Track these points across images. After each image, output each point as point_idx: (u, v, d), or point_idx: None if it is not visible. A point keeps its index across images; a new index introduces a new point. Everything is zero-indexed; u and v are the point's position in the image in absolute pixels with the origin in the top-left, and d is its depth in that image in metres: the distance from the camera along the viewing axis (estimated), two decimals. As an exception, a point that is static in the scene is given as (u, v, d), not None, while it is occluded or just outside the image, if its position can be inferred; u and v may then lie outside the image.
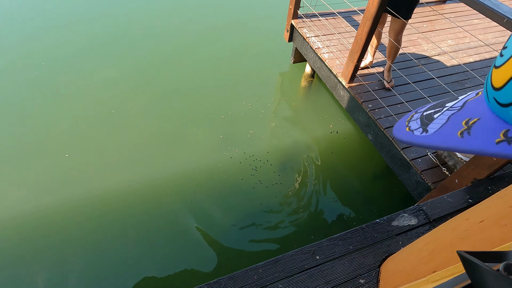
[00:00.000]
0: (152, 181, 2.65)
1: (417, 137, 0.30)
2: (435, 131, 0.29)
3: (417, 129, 0.31)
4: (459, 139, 0.26)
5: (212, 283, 1.09)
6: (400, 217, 1.33)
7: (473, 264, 0.28)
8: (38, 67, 3.54)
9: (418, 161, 2.22)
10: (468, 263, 0.30)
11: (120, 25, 4.24)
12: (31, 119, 3.03)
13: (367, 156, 2.99)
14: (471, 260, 0.29)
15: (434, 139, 0.28)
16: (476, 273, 0.28)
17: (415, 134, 0.31)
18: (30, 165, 2.68)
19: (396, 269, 1.05)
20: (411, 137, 0.31)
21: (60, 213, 2.43)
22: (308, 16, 3.45)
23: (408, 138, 0.31)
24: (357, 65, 2.57)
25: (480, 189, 1.49)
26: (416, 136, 0.31)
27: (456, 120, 0.28)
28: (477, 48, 3.35)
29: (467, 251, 0.31)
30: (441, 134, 0.28)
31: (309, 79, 3.66)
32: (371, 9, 2.20)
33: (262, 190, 2.64)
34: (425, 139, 0.29)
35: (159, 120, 3.11)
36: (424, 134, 0.30)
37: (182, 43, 4.05)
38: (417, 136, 0.30)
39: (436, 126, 0.29)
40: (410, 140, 0.31)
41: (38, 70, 3.51)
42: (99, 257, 2.24)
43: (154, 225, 2.40)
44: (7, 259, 2.22)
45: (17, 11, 4.34)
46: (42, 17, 4.28)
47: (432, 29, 3.61)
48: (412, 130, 0.32)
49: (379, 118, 2.49)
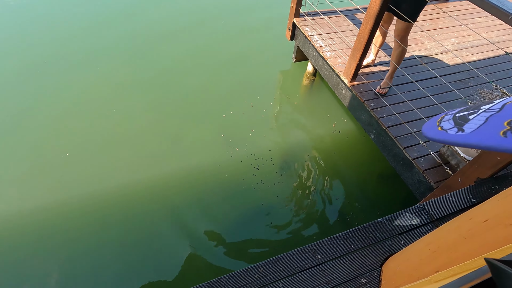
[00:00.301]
0: (153, 181, 2.65)
1: (452, 135, 0.32)
2: (473, 131, 0.30)
3: (451, 129, 0.33)
4: (502, 139, 0.27)
5: (213, 281, 1.08)
6: (402, 217, 1.32)
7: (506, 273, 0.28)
8: (41, 65, 3.55)
9: (420, 160, 2.20)
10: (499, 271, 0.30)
11: (124, 24, 4.24)
12: (34, 117, 3.03)
13: (369, 155, 2.98)
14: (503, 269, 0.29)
15: (472, 138, 0.30)
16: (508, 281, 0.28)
17: (449, 133, 0.33)
18: (31, 163, 2.69)
19: (398, 269, 1.04)
20: (445, 136, 0.33)
21: (62, 213, 2.44)
22: (310, 14, 3.43)
23: (441, 137, 0.33)
24: (359, 63, 2.55)
25: (483, 188, 1.47)
26: (451, 135, 0.32)
27: (496, 121, 0.29)
28: (480, 47, 3.32)
29: (496, 258, 0.31)
30: (479, 133, 0.30)
31: (310, 78, 3.65)
32: (373, 7, 2.19)
33: (264, 189, 2.63)
34: (461, 138, 0.31)
35: (160, 119, 3.11)
36: (460, 133, 0.31)
37: (183, 43, 4.05)
38: (451, 135, 0.32)
39: (473, 126, 0.31)
40: (444, 138, 0.33)
41: (41, 68, 3.52)
42: (100, 257, 2.24)
43: (154, 224, 2.40)
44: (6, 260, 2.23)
45: (23, 9, 4.35)
46: (46, 15, 4.29)
47: (435, 28, 3.58)
48: (446, 130, 0.34)
49: (381, 117, 2.48)
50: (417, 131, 2.37)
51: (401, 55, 2.43)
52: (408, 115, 2.50)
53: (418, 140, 2.30)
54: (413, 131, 2.35)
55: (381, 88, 2.64)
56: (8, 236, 2.32)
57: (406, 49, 2.36)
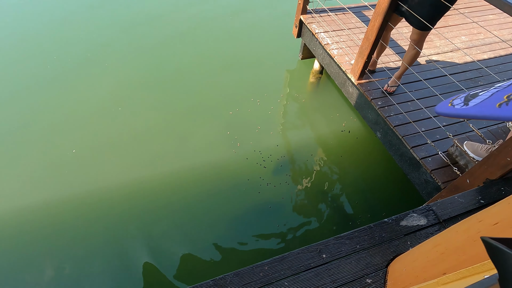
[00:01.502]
0: (159, 178, 2.67)
1: (455, 109, 0.35)
2: (475, 104, 0.33)
3: (458, 104, 0.36)
4: (496, 109, 0.29)
5: (218, 279, 1.09)
6: (409, 217, 1.31)
7: (501, 251, 0.28)
8: (51, 61, 3.59)
9: (428, 160, 2.18)
10: (494, 249, 0.30)
11: (130, 22, 4.26)
12: (43, 114, 3.08)
13: (376, 154, 2.95)
14: (498, 247, 0.29)
15: (471, 110, 0.33)
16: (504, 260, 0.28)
17: (455, 108, 0.36)
18: (35, 159, 2.74)
19: (404, 270, 1.03)
20: (450, 110, 0.36)
21: (67, 211, 2.48)
22: (318, 11, 3.40)
23: (447, 110, 0.37)
24: (367, 61, 2.52)
25: (492, 190, 1.45)
26: (455, 109, 0.35)
27: (498, 95, 0.31)
28: (491, 45, 3.25)
29: (493, 237, 0.31)
30: (479, 106, 0.32)
31: (317, 76, 3.62)
32: (382, 4, 2.15)
33: (270, 187, 2.63)
34: (462, 110, 0.34)
35: (166, 116, 3.12)
36: (464, 107, 0.34)
37: (190, 40, 4.05)
38: (455, 109, 0.35)
39: (477, 101, 0.33)
40: (448, 111, 0.36)
41: (51, 64, 3.56)
42: (102, 254, 2.28)
43: (158, 221, 2.43)
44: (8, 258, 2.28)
45: (33, 5, 4.40)
46: (53, 12, 4.33)
47: (445, 25, 3.51)
48: (454, 105, 0.37)
49: (389, 116, 2.45)
50: (425, 131, 2.34)
51: (413, 58, 2.35)
52: (416, 114, 2.47)
53: (426, 140, 2.27)
54: (420, 131, 2.32)
55: (389, 86, 2.60)
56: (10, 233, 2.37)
57: (420, 52, 2.28)
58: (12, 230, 2.36)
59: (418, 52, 2.28)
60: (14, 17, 4.21)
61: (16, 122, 2.99)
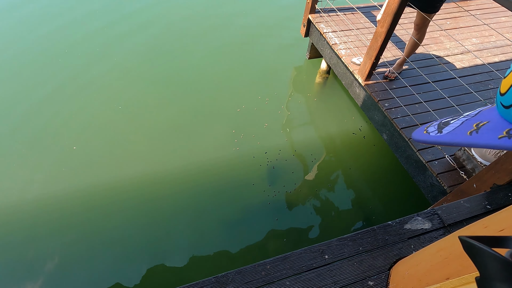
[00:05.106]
0: (165, 175, 2.69)
1: (430, 136, 0.38)
2: (448, 132, 0.36)
3: (432, 131, 0.39)
4: (467, 136, 0.32)
5: (220, 276, 1.10)
6: (413, 220, 1.30)
7: (481, 250, 0.30)
8: (62, 55, 3.64)
9: (434, 163, 2.15)
10: (471, 247, 0.32)
11: (139, 20, 4.29)
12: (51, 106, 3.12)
13: (382, 156, 2.93)
14: (477, 246, 0.31)
15: (445, 137, 0.35)
16: (483, 259, 0.30)
17: (430, 135, 0.38)
18: (43, 155, 2.78)
19: (407, 273, 1.02)
20: (426, 137, 0.39)
21: (74, 206, 2.51)
22: (326, 10, 3.37)
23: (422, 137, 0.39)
24: (375, 62, 2.50)
25: (499, 195, 1.43)
26: (430, 136, 0.38)
27: (468, 123, 0.34)
28: (503, 48, 3.20)
29: (470, 236, 0.34)
30: (452, 134, 0.35)
31: (324, 76, 3.60)
32: (392, 5, 2.13)
33: (274, 186, 2.63)
34: (437, 138, 0.36)
35: (174, 114, 3.14)
36: (438, 134, 0.37)
37: (199, 38, 4.06)
38: (430, 136, 0.38)
39: (449, 129, 0.36)
40: (424, 138, 0.39)
41: (62, 58, 3.60)
42: (106, 248, 2.31)
43: (162, 218, 2.45)
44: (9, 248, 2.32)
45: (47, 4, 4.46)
46: (63, 10, 4.37)
47: (455, 27, 3.46)
48: (429, 132, 0.39)
49: (395, 118, 2.43)
50: (432, 133, 2.31)
51: (412, 48, 2.46)
52: (424, 116, 2.44)
53: (432, 143, 2.24)
54: (428, 133, 2.29)
55: (389, 72, 2.68)
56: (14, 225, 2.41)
57: (422, 40, 2.37)
58: (27, 221, 2.41)
59: (422, 39, 2.37)
60: (31, 14, 4.27)
61: (29, 121, 3.04)
